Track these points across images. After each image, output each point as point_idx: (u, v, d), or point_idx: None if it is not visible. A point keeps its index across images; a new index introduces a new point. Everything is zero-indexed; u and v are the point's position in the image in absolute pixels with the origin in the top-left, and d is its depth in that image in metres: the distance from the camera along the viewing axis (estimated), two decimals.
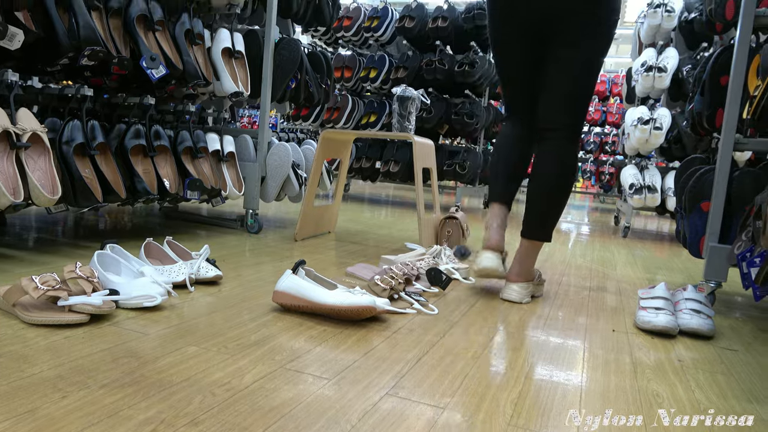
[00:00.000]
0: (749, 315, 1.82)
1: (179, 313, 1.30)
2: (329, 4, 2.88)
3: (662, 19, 3.56)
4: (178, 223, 2.66)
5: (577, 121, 1.66)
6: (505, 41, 1.69)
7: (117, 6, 1.95)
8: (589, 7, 1.56)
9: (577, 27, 1.58)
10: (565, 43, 1.61)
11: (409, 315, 1.45)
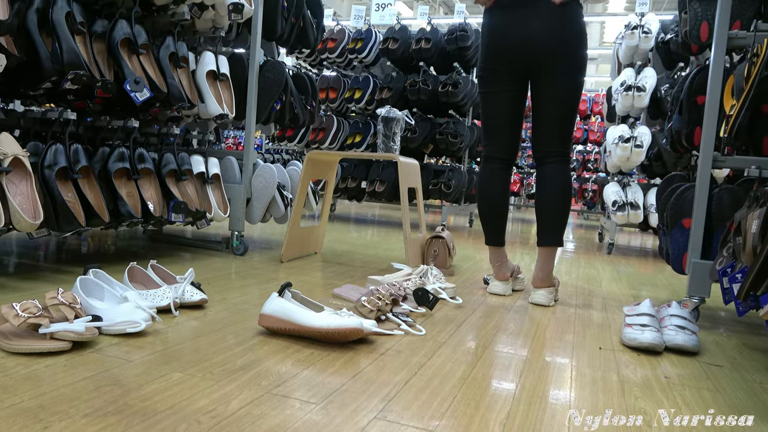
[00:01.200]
0: (733, 330, 1.84)
1: (164, 338, 1.29)
2: (313, 26, 2.91)
3: (640, 40, 3.65)
4: (162, 246, 2.63)
5: (568, 146, 2.01)
6: (494, 80, 1.99)
7: (101, 30, 1.95)
8: (570, 49, 1.89)
9: (563, 66, 1.90)
10: (552, 82, 1.92)
11: (396, 336, 1.44)
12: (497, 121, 2.03)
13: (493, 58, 1.97)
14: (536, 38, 1.88)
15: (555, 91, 1.93)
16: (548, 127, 1.98)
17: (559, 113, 1.95)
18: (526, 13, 1.89)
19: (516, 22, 1.91)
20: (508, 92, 1.99)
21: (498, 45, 1.95)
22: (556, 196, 1.98)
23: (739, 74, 1.75)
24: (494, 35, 1.96)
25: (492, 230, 2.09)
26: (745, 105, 1.66)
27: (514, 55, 1.93)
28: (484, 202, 2.09)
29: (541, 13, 1.88)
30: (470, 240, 3.94)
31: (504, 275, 2.11)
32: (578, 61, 1.92)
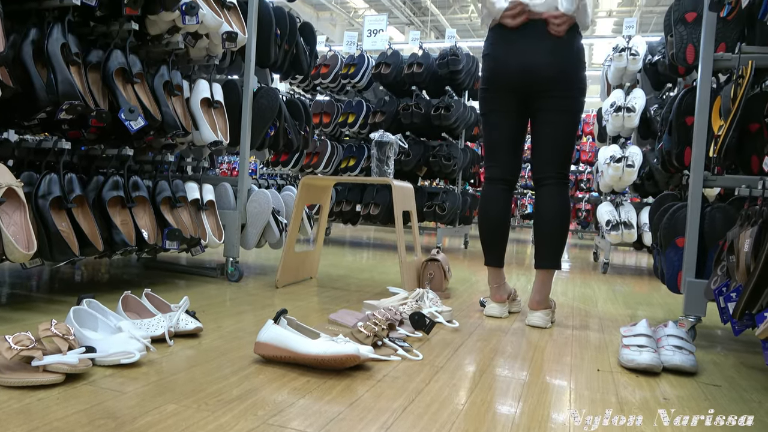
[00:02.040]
0: (730, 349, 1.84)
1: (158, 368, 1.27)
2: (307, 53, 2.95)
3: (628, 62, 3.71)
4: (156, 274, 2.62)
5: (567, 169, 2.05)
6: (496, 102, 2.04)
7: (96, 60, 1.97)
8: (571, 75, 1.95)
9: (563, 92, 1.95)
10: (553, 106, 1.97)
11: (393, 362, 1.43)
12: (499, 142, 2.06)
13: (495, 83, 2.01)
14: (538, 66, 1.92)
15: (556, 114, 1.97)
16: (548, 149, 2.01)
17: (560, 136, 1.99)
18: (528, 40, 1.94)
19: (517, 49, 1.95)
20: (509, 114, 2.03)
21: (499, 71, 1.99)
22: (554, 219, 2.00)
23: (726, 95, 1.78)
24: (496, 61, 2.00)
25: (492, 251, 2.10)
26: (732, 125, 1.69)
27: (515, 82, 1.97)
28: (485, 222, 2.11)
29: (543, 41, 1.92)
30: (466, 262, 3.94)
31: (501, 297, 2.11)
32: (578, 85, 1.97)
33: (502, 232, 2.09)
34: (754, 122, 1.80)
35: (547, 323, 1.98)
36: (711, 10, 1.79)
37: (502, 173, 2.08)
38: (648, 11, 12.32)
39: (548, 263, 2.01)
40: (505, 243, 2.11)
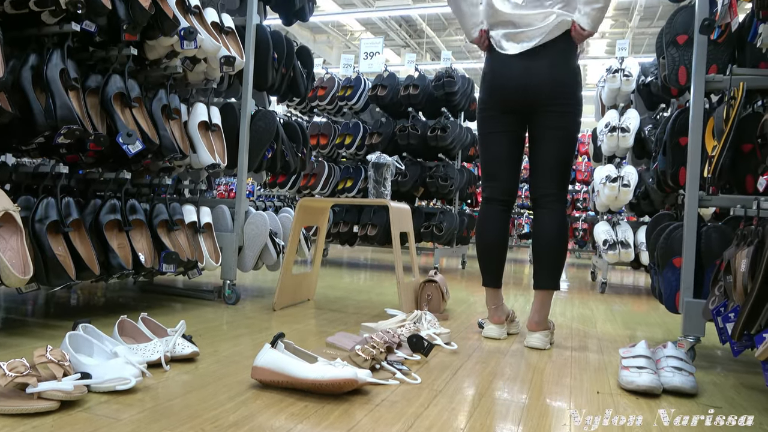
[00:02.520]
0: (730, 369, 1.83)
1: (154, 394, 1.26)
2: (304, 76, 2.98)
3: (621, 83, 3.75)
4: (153, 297, 2.60)
5: (565, 188, 2.05)
6: (494, 122, 2.04)
7: (95, 85, 1.98)
8: (568, 94, 1.95)
9: (561, 110, 1.95)
10: (551, 125, 1.97)
11: (391, 386, 1.42)
12: (497, 162, 2.07)
13: (493, 102, 2.03)
14: (536, 85, 1.93)
15: (554, 132, 1.98)
16: (546, 168, 2.01)
17: (557, 155, 1.99)
18: (527, 59, 1.94)
19: (516, 69, 1.96)
20: (507, 134, 2.04)
21: (498, 90, 2.01)
22: (553, 239, 2.01)
23: (719, 116, 1.80)
24: (494, 81, 2.01)
25: (490, 272, 2.09)
26: (726, 145, 1.70)
27: (514, 101, 1.98)
28: (483, 243, 2.10)
29: (541, 61, 1.93)
30: (463, 282, 3.93)
31: (499, 318, 2.09)
32: (576, 103, 1.98)
33: (500, 252, 2.10)
34: (747, 143, 1.81)
35: (546, 345, 1.96)
36: (701, 33, 1.82)
37: (500, 193, 2.08)
38: (640, 33, 12.51)
39: (547, 284, 2.01)
40: (503, 263, 2.11)
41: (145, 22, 2.01)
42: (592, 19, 1.90)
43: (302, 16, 3.07)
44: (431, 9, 11.22)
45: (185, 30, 2.15)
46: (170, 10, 2.11)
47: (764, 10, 1.46)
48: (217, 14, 2.44)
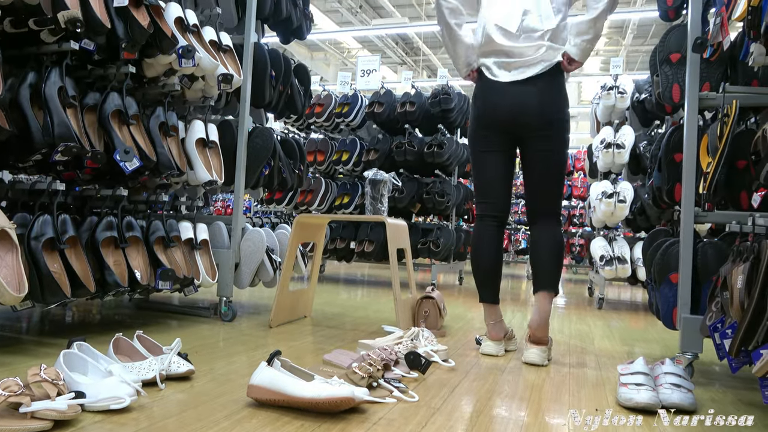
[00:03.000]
0: (729, 385, 1.83)
1: (149, 413, 1.25)
2: (301, 94, 3.00)
3: (616, 100, 3.79)
4: (149, 314, 2.59)
5: (559, 205, 2.13)
6: (486, 143, 2.10)
7: (93, 102, 1.99)
8: (558, 117, 2.02)
9: (551, 132, 2.02)
10: (542, 147, 2.03)
11: (389, 404, 1.41)
12: (490, 181, 2.12)
13: (485, 125, 2.09)
14: (527, 112, 2.00)
15: (545, 154, 2.05)
16: (540, 187, 2.09)
17: (550, 174, 2.07)
18: (517, 87, 2.01)
19: (507, 95, 2.02)
20: (499, 153, 2.09)
21: (490, 114, 2.07)
22: (552, 249, 2.07)
23: (713, 133, 1.82)
24: (486, 105, 2.07)
25: (486, 287, 2.12)
26: (720, 162, 1.72)
27: (505, 124, 2.04)
28: (478, 259, 2.15)
29: (531, 89, 1.99)
30: (461, 299, 3.92)
31: (497, 335, 2.09)
32: (564, 125, 2.05)
33: (496, 268, 2.13)
34: (741, 159, 1.83)
35: (544, 360, 1.96)
36: (694, 51, 1.85)
37: (494, 210, 2.12)
38: (634, 50, 12.66)
39: (546, 285, 2.03)
40: (498, 279, 2.14)
41: (144, 41, 2.03)
42: (582, 50, 2.00)
43: (300, 35, 3.10)
44: (427, 27, 11.34)
45: (183, 48, 2.17)
46: (169, 28, 2.13)
47: (755, 30, 1.48)
48: (215, 33, 2.46)
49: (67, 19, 1.75)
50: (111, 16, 1.93)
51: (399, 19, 11.12)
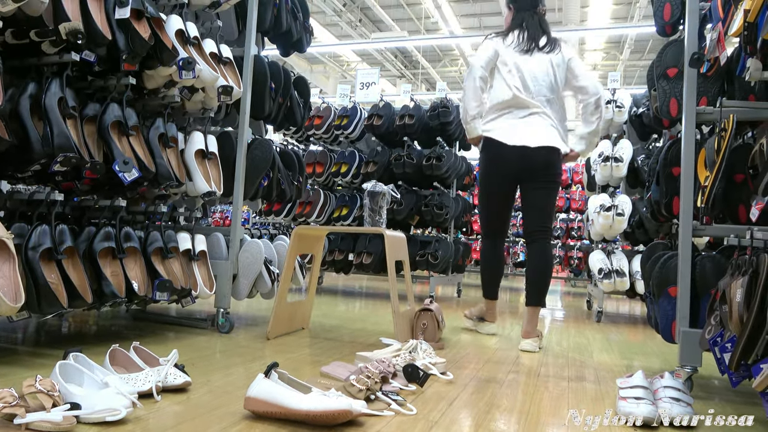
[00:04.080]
0: (728, 399, 1.82)
1: (144, 426, 1.24)
2: (300, 106, 3.01)
3: (614, 114, 3.81)
4: (146, 325, 2.57)
5: (550, 224, 2.69)
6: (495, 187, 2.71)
7: (92, 113, 2.00)
8: (555, 166, 2.62)
9: (548, 175, 2.61)
10: (539, 187, 2.63)
11: (387, 417, 1.40)
12: (496, 213, 2.77)
13: (495, 174, 2.69)
14: (530, 167, 2.58)
15: (543, 190, 2.62)
16: (536, 213, 2.65)
17: (545, 203, 2.64)
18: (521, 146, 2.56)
19: (513, 155, 2.58)
20: (504, 194, 2.71)
21: (496, 167, 2.66)
22: (544, 269, 2.64)
23: (710, 147, 1.83)
24: (494, 160, 2.66)
25: (491, 286, 2.86)
26: (718, 176, 1.72)
27: (512, 173, 2.64)
28: (486, 266, 2.86)
29: (534, 148, 2.55)
30: (459, 311, 3.91)
31: (494, 317, 2.92)
32: (559, 170, 2.65)
33: (498, 273, 2.89)
34: (738, 173, 1.84)
35: (536, 348, 2.48)
36: (691, 66, 1.86)
37: (498, 233, 2.81)
38: (631, 65, 12.76)
39: (536, 302, 2.62)
40: (499, 280, 2.89)
41: (144, 53, 2.04)
42: (587, 145, 2.73)
43: (299, 48, 3.12)
44: (426, 41, 11.43)
45: (184, 60, 2.18)
46: (169, 40, 2.15)
47: (751, 45, 1.50)
48: (215, 45, 2.48)
49: (68, 30, 1.76)
50: (112, 27, 1.95)
51: (398, 33, 11.21)
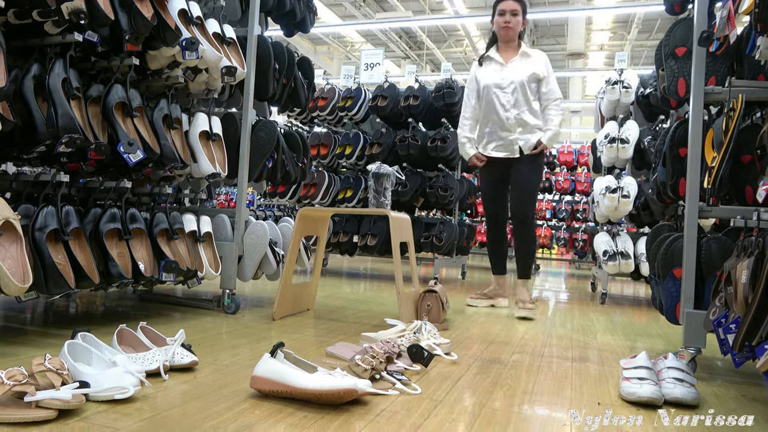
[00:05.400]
0: (731, 380, 1.83)
1: (152, 404, 1.25)
2: (305, 87, 2.99)
3: (620, 95, 3.77)
4: (152, 306, 2.60)
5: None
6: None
7: (96, 94, 1.99)
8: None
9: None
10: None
11: (391, 396, 1.41)
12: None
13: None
14: None
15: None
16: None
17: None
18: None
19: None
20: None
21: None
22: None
23: (718, 128, 1.81)
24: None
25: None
26: (725, 157, 1.71)
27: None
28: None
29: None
30: (463, 292, 3.92)
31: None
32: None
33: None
34: (746, 154, 1.82)
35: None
36: (700, 45, 1.84)
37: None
38: (638, 45, 12.59)
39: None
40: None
41: (148, 33, 2.03)
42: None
43: (303, 28, 3.09)
44: (431, 21, 11.29)
45: (187, 41, 2.16)
46: (172, 20, 2.13)
47: (762, 23, 1.47)
48: (218, 25, 2.46)
49: (70, 10, 1.75)
50: (115, 7, 1.93)
51: (403, 13, 11.08)
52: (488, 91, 3.08)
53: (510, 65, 3.07)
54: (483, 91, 3.10)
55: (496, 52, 3.13)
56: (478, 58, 3.23)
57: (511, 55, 3.11)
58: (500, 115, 3.05)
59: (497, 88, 3.05)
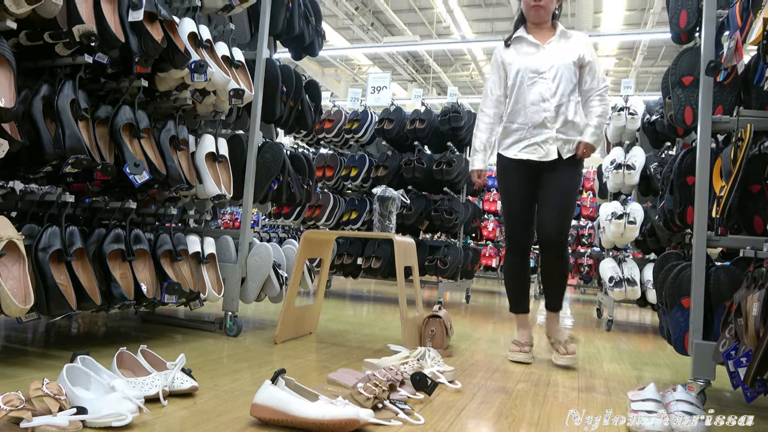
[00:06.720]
0: (742, 414, 1.78)
1: (150, 431, 1.23)
2: (311, 110, 3.01)
3: (626, 121, 3.77)
4: (154, 327, 2.57)
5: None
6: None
7: (104, 115, 2.00)
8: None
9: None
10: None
11: (394, 426, 1.38)
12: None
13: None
14: None
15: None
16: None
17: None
18: None
19: None
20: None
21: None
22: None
23: (726, 157, 1.80)
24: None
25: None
26: (734, 186, 1.70)
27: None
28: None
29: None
30: (467, 317, 3.89)
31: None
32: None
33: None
34: (755, 184, 1.81)
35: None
36: (708, 75, 1.84)
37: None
38: (644, 71, 12.66)
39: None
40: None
41: (157, 55, 2.05)
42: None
43: (311, 52, 3.12)
44: (438, 45, 11.42)
45: (196, 63, 2.18)
46: (182, 43, 2.15)
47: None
48: (227, 48, 2.48)
49: (82, 33, 1.77)
50: (125, 30, 1.95)
51: (410, 37, 11.20)
52: (523, 77, 2.40)
53: (548, 46, 2.41)
54: (516, 77, 2.40)
55: (527, 33, 2.46)
56: (504, 39, 2.53)
57: (547, 36, 2.45)
58: (537, 107, 2.37)
59: (534, 73, 2.38)
